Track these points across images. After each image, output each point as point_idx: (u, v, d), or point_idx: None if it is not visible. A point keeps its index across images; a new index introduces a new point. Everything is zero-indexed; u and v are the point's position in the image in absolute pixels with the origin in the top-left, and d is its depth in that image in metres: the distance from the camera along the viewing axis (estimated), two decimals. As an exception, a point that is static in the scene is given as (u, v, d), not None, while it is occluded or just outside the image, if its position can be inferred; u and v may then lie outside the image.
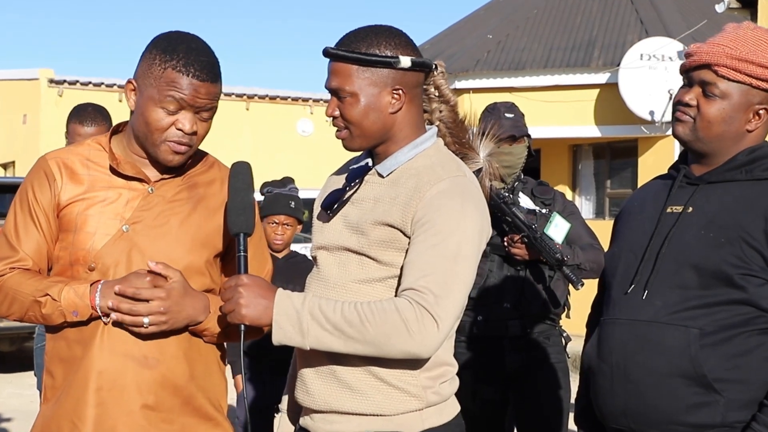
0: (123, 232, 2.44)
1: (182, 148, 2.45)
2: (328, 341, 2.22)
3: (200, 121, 2.47)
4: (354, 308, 2.22)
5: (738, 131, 2.45)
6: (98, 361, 2.41)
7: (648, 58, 12.85)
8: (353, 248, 2.36)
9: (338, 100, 2.40)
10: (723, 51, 2.42)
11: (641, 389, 2.39)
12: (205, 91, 2.44)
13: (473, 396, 4.09)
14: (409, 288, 2.24)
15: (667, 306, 2.38)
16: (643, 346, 2.39)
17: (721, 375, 2.31)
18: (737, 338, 2.33)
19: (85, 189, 2.49)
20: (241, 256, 2.33)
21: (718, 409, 2.31)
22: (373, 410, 2.32)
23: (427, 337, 2.21)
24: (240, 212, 2.37)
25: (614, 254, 2.60)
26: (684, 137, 2.48)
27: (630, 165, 13.57)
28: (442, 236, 2.27)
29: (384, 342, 2.20)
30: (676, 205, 2.48)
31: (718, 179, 2.46)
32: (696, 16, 13.94)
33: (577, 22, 14.65)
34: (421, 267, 2.25)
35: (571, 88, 13.45)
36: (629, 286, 2.47)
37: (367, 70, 2.38)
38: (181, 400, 2.47)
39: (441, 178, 2.33)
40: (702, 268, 2.35)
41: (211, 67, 2.46)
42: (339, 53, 2.39)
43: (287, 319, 2.23)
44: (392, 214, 2.32)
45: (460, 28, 16.48)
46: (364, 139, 2.41)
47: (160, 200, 2.50)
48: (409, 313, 2.20)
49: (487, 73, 13.92)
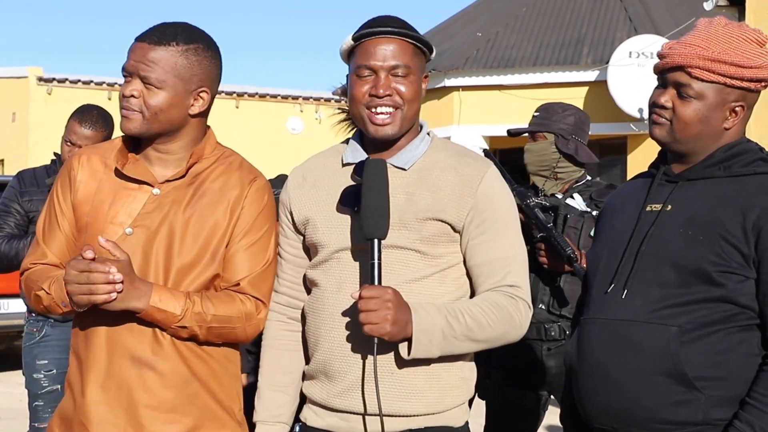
0: (126, 235, 2.46)
1: (125, 112, 2.48)
2: (456, 347, 2.36)
3: (146, 87, 2.47)
4: (476, 313, 2.36)
5: (716, 130, 2.45)
6: (101, 360, 2.45)
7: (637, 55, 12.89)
8: (401, 245, 2.38)
9: (393, 77, 2.42)
10: (695, 52, 2.41)
11: (622, 388, 2.38)
12: (143, 54, 2.45)
13: (502, 396, 4.04)
14: (505, 285, 2.42)
15: (647, 304, 2.37)
16: (623, 345, 2.38)
17: (702, 373, 2.31)
18: (717, 335, 2.32)
19: (96, 190, 2.52)
20: (375, 264, 2.30)
21: (699, 407, 2.31)
22: (426, 410, 2.40)
23: (525, 323, 2.45)
24: (372, 216, 2.32)
25: (595, 253, 2.59)
26: (662, 139, 2.48)
27: (619, 162, 13.60)
28: (505, 227, 2.44)
29: (501, 337, 2.42)
30: (655, 203, 2.48)
31: (696, 176, 2.46)
32: (684, 14, 13.98)
33: (566, 20, 14.68)
34: (505, 262, 2.43)
35: (561, 86, 13.48)
36: (609, 285, 2.46)
37: (419, 53, 2.45)
38: (184, 399, 2.47)
39: (482, 170, 2.45)
40: (681, 266, 2.35)
41: (159, 32, 2.48)
42: (409, 33, 2.43)
43: (425, 335, 2.30)
44: (443, 209, 2.39)
45: (449, 25, 16.49)
46: (408, 122, 2.45)
47: (165, 201, 2.50)
48: (513, 308, 2.41)
49: (476, 71, 13.94)
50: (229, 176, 2.54)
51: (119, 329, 2.44)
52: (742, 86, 2.41)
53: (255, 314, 2.52)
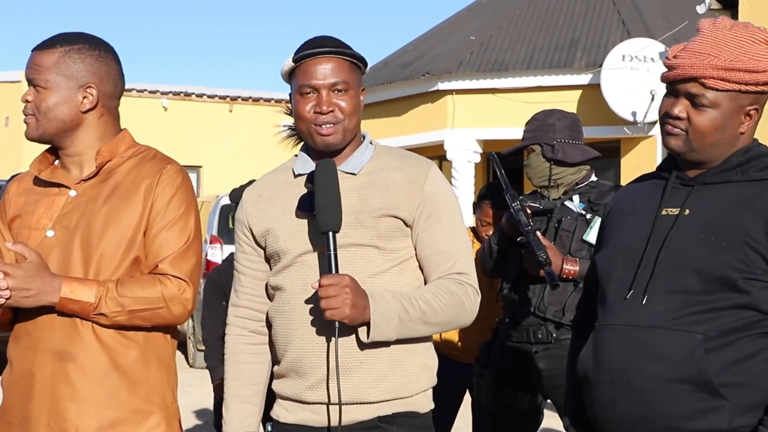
0: (47, 237, 2.59)
1: (25, 119, 2.65)
2: (411, 330, 2.52)
3: (36, 91, 2.63)
4: (429, 298, 2.53)
5: (732, 136, 2.40)
6: (23, 359, 2.58)
7: (630, 59, 12.90)
8: (360, 242, 2.53)
9: (333, 93, 2.58)
10: (707, 62, 2.34)
11: (645, 396, 2.34)
12: (31, 60, 2.63)
13: (494, 397, 4.07)
14: (454, 272, 2.60)
15: (669, 311, 2.33)
16: (645, 352, 2.34)
17: (726, 379, 2.28)
18: (740, 342, 2.29)
19: (23, 203, 2.67)
20: (331, 255, 2.46)
21: (724, 415, 2.28)
22: (393, 395, 2.55)
23: (475, 308, 2.64)
24: (325, 210, 2.47)
25: (608, 257, 2.53)
26: (678, 150, 2.42)
27: (613, 165, 13.62)
28: (450, 220, 2.62)
29: (452, 321, 2.60)
30: (671, 208, 2.43)
31: (713, 180, 2.41)
32: (677, 17, 14.00)
33: (559, 24, 14.70)
34: (453, 252, 2.61)
35: (554, 89, 13.50)
36: (628, 291, 2.40)
37: (355, 68, 2.64)
38: (106, 391, 2.54)
39: (426, 169, 2.63)
40: (704, 273, 2.31)
41: (47, 40, 2.65)
42: (345, 51, 2.61)
43: (382, 319, 2.46)
44: (395, 206, 2.56)
45: (442, 29, 16.51)
46: (350, 133, 2.61)
47: (82, 201, 2.61)
48: (463, 294, 2.59)
49: (469, 75, 13.95)
50: (141, 167, 2.65)
51: (41, 325, 2.55)
52: (756, 90, 2.36)
53: (179, 294, 2.58)
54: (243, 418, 2.70)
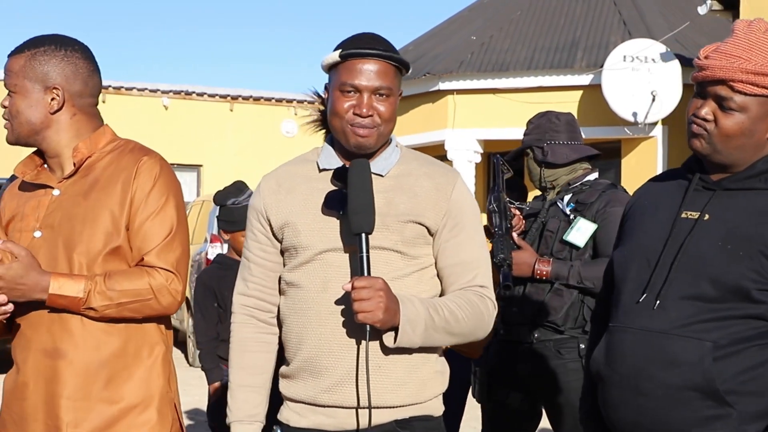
0: (34, 238, 2.63)
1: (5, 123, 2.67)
2: (434, 339, 2.51)
3: (9, 96, 2.67)
4: (453, 308, 2.51)
5: (759, 141, 2.36)
6: (19, 359, 2.63)
7: (631, 59, 12.89)
8: (384, 245, 2.50)
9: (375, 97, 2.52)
10: (737, 65, 2.30)
11: (653, 402, 2.33)
12: (5, 66, 2.68)
13: (489, 395, 4.09)
14: (475, 285, 2.58)
15: (681, 318, 2.31)
16: (655, 357, 2.33)
17: (734, 388, 2.27)
18: (750, 351, 2.28)
19: (15, 206, 2.72)
20: (363, 256, 2.42)
21: (731, 422, 2.27)
22: (410, 401, 2.53)
23: (491, 322, 2.62)
24: (360, 212, 2.43)
25: (626, 256, 2.50)
26: (702, 151, 2.39)
27: (613, 166, 13.61)
28: (474, 232, 2.61)
29: (472, 332, 2.58)
30: (691, 211, 2.40)
31: (736, 187, 2.38)
32: (679, 18, 13.99)
33: (560, 24, 14.69)
34: (475, 264, 2.59)
35: (555, 90, 13.48)
36: (641, 294, 2.38)
37: (398, 73, 2.58)
38: (98, 386, 2.57)
39: (454, 179, 2.60)
40: (719, 282, 2.29)
41: (21, 44, 2.69)
42: (393, 56, 2.54)
43: (410, 324, 2.44)
44: (422, 213, 2.54)
45: (443, 29, 16.50)
46: (384, 138, 2.57)
47: (65, 199, 2.65)
48: (483, 306, 2.57)
49: (470, 75, 13.93)
50: (119, 161, 2.67)
51: (33, 324, 2.59)
52: None
53: (166, 285, 2.60)
54: (251, 406, 2.60)
